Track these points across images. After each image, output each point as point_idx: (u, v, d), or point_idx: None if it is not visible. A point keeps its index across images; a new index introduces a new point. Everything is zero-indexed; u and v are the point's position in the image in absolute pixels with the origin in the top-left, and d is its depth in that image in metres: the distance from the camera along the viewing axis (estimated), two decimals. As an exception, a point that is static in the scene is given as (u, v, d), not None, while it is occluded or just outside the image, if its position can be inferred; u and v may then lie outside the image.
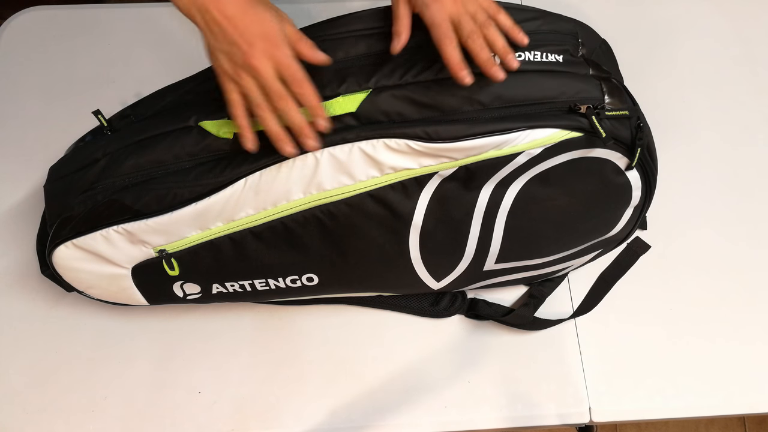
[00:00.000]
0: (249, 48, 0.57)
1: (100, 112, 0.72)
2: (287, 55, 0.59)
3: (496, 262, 0.75)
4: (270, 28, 0.58)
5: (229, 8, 0.57)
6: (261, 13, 0.58)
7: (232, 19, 0.57)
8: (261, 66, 0.58)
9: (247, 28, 0.57)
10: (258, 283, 0.73)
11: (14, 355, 0.81)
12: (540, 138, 0.63)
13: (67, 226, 0.68)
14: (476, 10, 0.63)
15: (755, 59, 0.99)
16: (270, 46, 0.58)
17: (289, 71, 0.59)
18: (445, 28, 0.61)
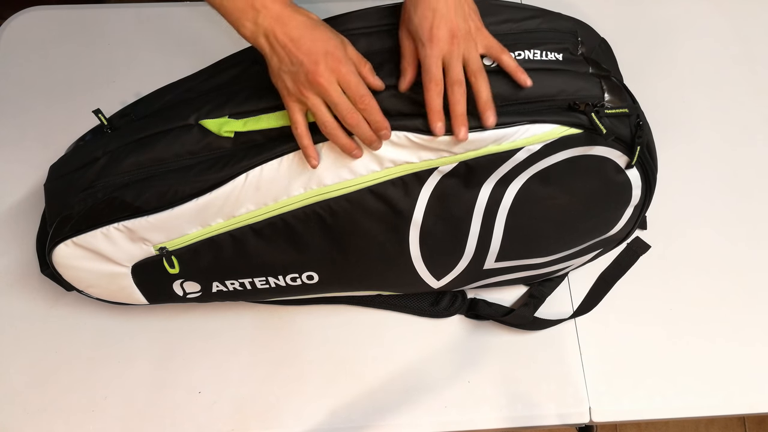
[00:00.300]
0: (315, 66, 0.59)
1: (101, 111, 0.72)
2: (352, 71, 0.60)
3: (496, 261, 0.75)
4: (333, 47, 0.60)
5: (294, 31, 0.59)
6: (324, 33, 0.60)
7: (298, 41, 0.59)
8: (327, 83, 0.60)
9: (312, 47, 0.59)
10: (258, 281, 0.73)
11: (14, 355, 0.81)
12: (539, 133, 0.63)
13: (68, 224, 0.69)
14: (470, 56, 0.62)
15: (755, 59, 0.99)
16: (334, 64, 0.59)
17: (355, 88, 0.60)
18: (433, 73, 0.61)
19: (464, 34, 0.61)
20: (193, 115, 0.67)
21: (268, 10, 0.59)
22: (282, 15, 0.59)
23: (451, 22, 0.60)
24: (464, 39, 0.61)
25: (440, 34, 0.60)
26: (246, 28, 0.60)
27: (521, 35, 0.67)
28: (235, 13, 0.60)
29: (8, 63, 0.98)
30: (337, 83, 0.60)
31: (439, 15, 0.60)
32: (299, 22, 0.60)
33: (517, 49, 0.65)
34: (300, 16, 0.60)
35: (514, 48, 0.65)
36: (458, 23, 0.60)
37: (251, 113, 0.66)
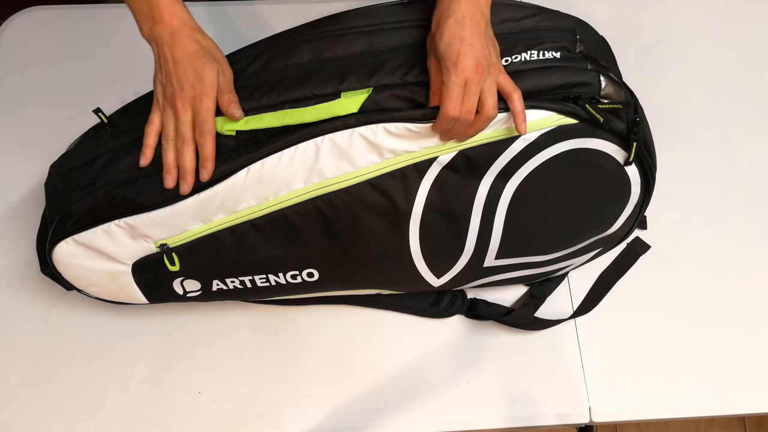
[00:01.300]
0: (179, 90, 0.64)
1: (101, 110, 0.72)
2: (207, 107, 0.65)
3: (496, 258, 0.75)
4: (203, 80, 0.64)
5: (178, 52, 0.65)
6: (203, 64, 0.65)
7: (176, 62, 0.64)
8: (181, 109, 0.65)
9: (185, 72, 0.64)
10: (258, 279, 0.73)
11: (14, 355, 0.81)
12: (535, 120, 0.64)
13: (68, 222, 0.68)
14: (487, 90, 0.62)
15: (755, 59, 0.99)
16: (196, 92, 0.64)
17: (201, 122, 0.65)
18: (455, 101, 0.61)
19: (487, 65, 0.61)
20: None
21: (165, 24, 0.65)
22: (175, 33, 0.65)
23: (476, 51, 0.61)
24: (487, 70, 0.61)
25: (466, 62, 0.60)
26: (143, 30, 0.67)
27: (520, 34, 0.68)
28: (137, 15, 0.66)
29: (8, 63, 0.98)
30: (191, 112, 0.65)
31: (466, 43, 0.61)
32: (186, 45, 0.65)
33: (514, 52, 0.66)
34: (189, 41, 0.65)
35: (513, 50, 0.66)
36: (482, 54, 0.61)
37: (252, 111, 0.66)
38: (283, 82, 0.66)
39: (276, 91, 0.66)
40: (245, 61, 0.69)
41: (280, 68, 0.68)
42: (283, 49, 0.69)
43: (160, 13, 0.64)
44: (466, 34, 0.61)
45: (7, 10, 1.02)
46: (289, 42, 0.69)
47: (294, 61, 0.68)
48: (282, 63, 0.68)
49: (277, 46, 0.69)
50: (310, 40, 0.68)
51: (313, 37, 0.68)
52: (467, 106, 0.61)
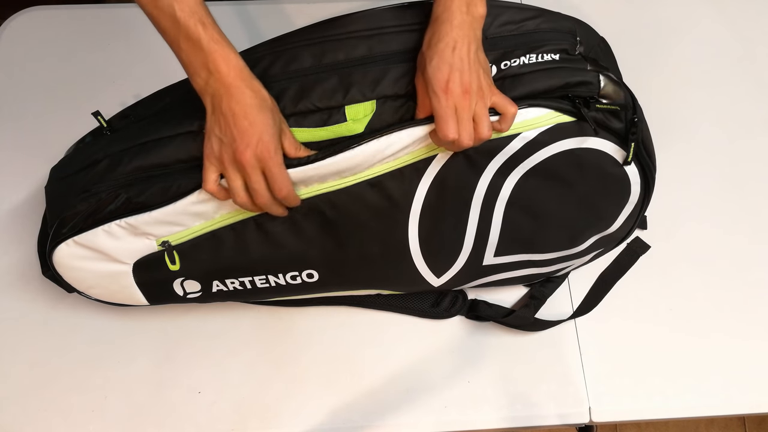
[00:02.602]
0: (244, 148, 0.60)
1: (100, 113, 0.72)
2: (278, 164, 0.62)
3: (495, 255, 0.75)
4: (269, 136, 0.61)
5: (238, 107, 0.60)
6: (265, 118, 0.61)
7: (237, 117, 0.60)
8: (251, 168, 0.61)
9: (248, 129, 0.60)
10: (258, 279, 0.73)
11: (15, 355, 0.81)
12: (532, 117, 0.64)
13: (68, 224, 0.69)
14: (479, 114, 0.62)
15: (755, 59, 0.99)
16: (264, 153, 0.61)
17: (278, 180, 0.62)
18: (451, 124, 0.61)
19: (476, 90, 0.61)
20: (196, 122, 0.67)
21: (221, 76, 0.60)
22: (232, 86, 0.60)
23: (464, 77, 0.61)
24: (476, 95, 0.61)
25: (454, 88, 0.60)
26: (197, 83, 0.61)
27: (521, 37, 0.68)
28: (190, 67, 0.61)
29: (8, 63, 0.98)
30: (260, 170, 0.62)
31: (455, 69, 0.61)
32: (246, 99, 0.60)
33: (513, 57, 0.66)
34: (249, 93, 0.60)
35: (512, 54, 0.66)
36: (471, 80, 0.61)
37: None
38: (287, 93, 0.66)
39: (280, 103, 0.66)
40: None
41: (281, 75, 0.67)
42: (283, 54, 0.68)
43: (216, 65, 0.59)
44: (456, 60, 0.61)
45: (7, 10, 1.02)
46: (289, 47, 0.68)
47: (294, 67, 0.67)
48: (282, 69, 0.68)
49: (277, 50, 0.69)
50: (311, 44, 0.68)
51: (314, 42, 0.68)
52: (465, 132, 0.62)
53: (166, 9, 0.58)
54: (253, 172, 0.61)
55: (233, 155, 0.61)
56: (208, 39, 0.59)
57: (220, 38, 0.60)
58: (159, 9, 0.59)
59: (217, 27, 0.60)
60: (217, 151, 0.62)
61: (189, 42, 0.59)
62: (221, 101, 0.60)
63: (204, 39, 0.59)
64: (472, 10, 0.62)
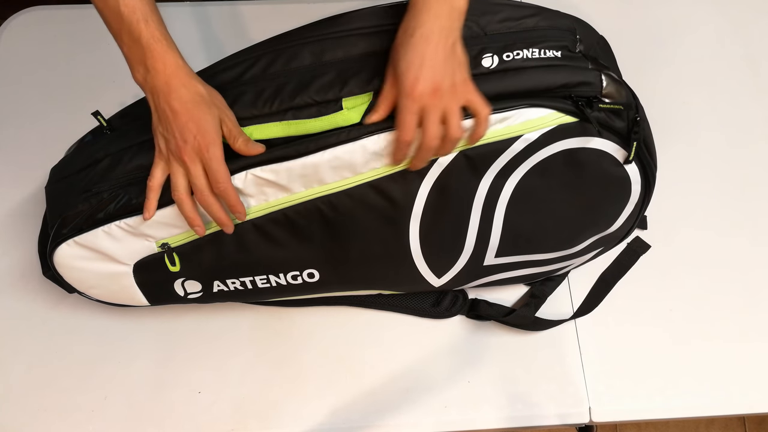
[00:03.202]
0: (183, 143, 0.61)
1: (99, 113, 0.72)
2: (216, 156, 0.62)
3: (496, 256, 0.75)
4: (207, 128, 0.61)
5: (175, 103, 0.61)
6: (202, 113, 0.62)
7: (175, 113, 0.61)
8: (190, 161, 0.62)
9: (186, 124, 0.61)
10: (259, 280, 0.73)
11: (15, 356, 0.81)
12: (534, 118, 0.64)
13: (69, 224, 0.69)
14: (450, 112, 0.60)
15: (755, 58, 0.99)
16: (202, 144, 0.61)
17: (214, 173, 0.63)
18: (406, 129, 0.60)
19: (448, 87, 0.60)
20: None
21: (157, 73, 0.61)
22: (170, 82, 0.61)
23: (436, 74, 0.59)
24: (447, 93, 0.60)
25: (422, 88, 0.59)
26: (136, 78, 0.63)
27: (520, 34, 0.67)
28: (130, 62, 0.62)
29: (8, 63, 0.98)
30: (200, 163, 0.62)
31: (427, 66, 0.59)
32: (182, 95, 0.61)
33: (515, 48, 0.65)
34: (185, 90, 0.61)
35: (513, 47, 0.65)
36: (444, 76, 0.59)
37: (256, 119, 0.66)
38: (285, 89, 0.66)
39: (278, 98, 0.65)
40: (244, 64, 0.69)
41: (281, 73, 0.67)
42: (283, 53, 0.68)
43: (153, 61, 0.61)
44: (429, 54, 0.59)
45: (7, 10, 1.02)
46: (289, 45, 0.68)
47: (294, 65, 0.67)
48: (282, 67, 0.68)
49: (278, 48, 0.69)
50: (310, 43, 0.68)
51: (313, 40, 0.68)
52: (430, 132, 0.60)
53: (112, 4, 0.60)
54: (192, 166, 0.62)
55: (175, 150, 0.62)
56: (148, 37, 0.60)
57: (160, 36, 0.61)
58: (104, 3, 0.60)
59: (160, 26, 0.62)
60: (162, 148, 0.63)
61: (130, 37, 0.61)
62: (159, 98, 0.61)
63: (144, 36, 0.60)
64: (451, 1, 0.60)
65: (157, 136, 0.64)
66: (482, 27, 0.67)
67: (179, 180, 0.64)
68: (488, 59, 0.64)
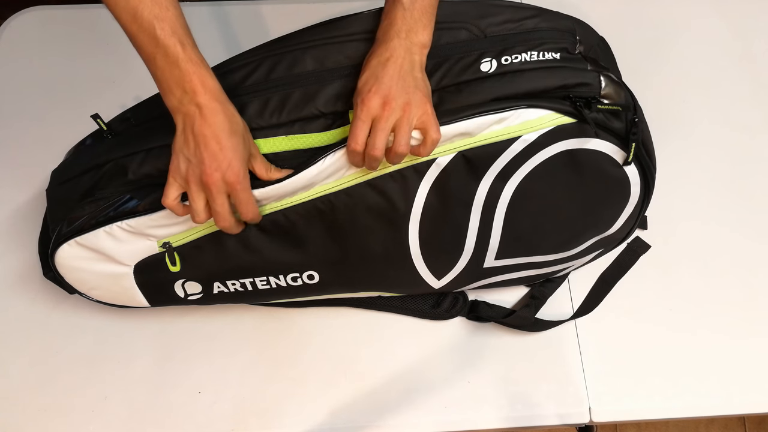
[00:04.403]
0: (212, 172, 0.60)
1: (99, 116, 0.72)
2: (247, 189, 0.63)
3: (496, 258, 0.75)
4: (238, 162, 0.61)
5: (210, 129, 0.60)
6: (236, 144, 0.61)
7: (207, 141, 0.60)
8: (216, 191, 0.61)
9: (218, 154, 0.60)
10: (259, 281, 0.73)
11: (15, 356, 0.81)
12: (533, 118, 0.64)
13: (70, 225, 0.69)
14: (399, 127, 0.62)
15: (754, 58, 0.99)
16: (232, 179, 0.61)
17: (245, 204, 0.64)
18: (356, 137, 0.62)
19: (401, 104, 0.61)
20: None
21: (195, 96, 0.59)
22: (205, 108, 0.60)
23: (388, 91, 0.61)
24: (398, 109, 0.61)
25: (374, 100, 0.61)
26: (170, 101, 0.61)
27: (520, 35, 0.67)
28: (165, 84, 0.60)
29: (8, 63, 0.98)
30: (225, 194, 0.62)
31: (380, 83, 0.61)
32: (218, 122, 0.60)
33: (514, 52, 0.66)
34: (222, 117, 0.60)
35: (512, 51, 0.66)
36: (397, 94, 0.61)
37: (262, 130, 0.66)
38: (291, 98, 0.66)
39: (285, 109, 0.66)
40: (246, 68, 0.69)
41: (284, 79, 0.67)
42: (284, 57, 0.68)
43: (192, 85, 0.59)
44: (385, 75, 0.62)
45: (7, 10, 1.02)
46: (290, 49, 0.68)
47: (297, 70, 0.67)
48: (285, 73, 0.67)
49: (279, 53, 0.68)
50: (312, 47, 0.68)
51: (315, 44, 0.67)
52: (373, 142, 0.61)
53: (146, 26, 0.59)
54: (218, 196, 0.62)
55: (200, 176, 0.61)
56: (187, 59, 0.59)
57: (198, 60, 0.60)
58: (138, 26, 0.59)
59: (196, 48, 0.60)
60: (183, 170, 0.62)
61: (166, 60, 0.59)
62: (193, 122, 0.60)
63: (182, 59, 0.59)
64: (411, 36, 0.63)
65: (179, 156, 0.62)
66: (482, 30, 0.67)
67: (200, 205, 0.63)
68: (486, 63, 0.65)
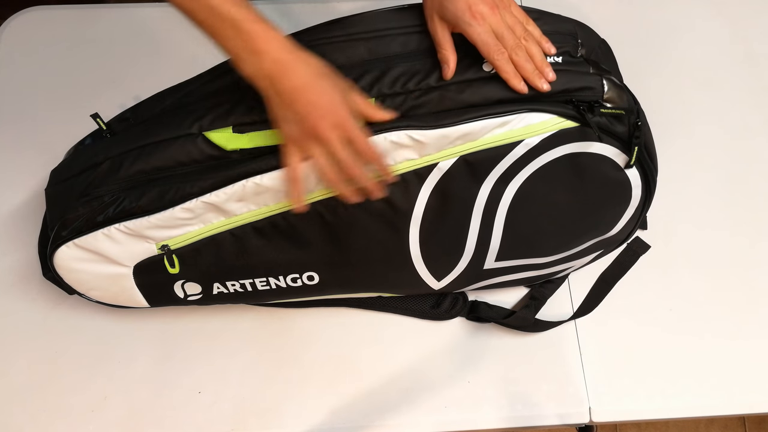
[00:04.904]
0: (320, 121, 0.58)
1: (99, 116, 0.72)
2: (354, 126, 0.60)
3: (497, 260, 0.75)
4: (337, 100, 0.59)
5: (298, 80, 0.58)
6: (328, 84, 0.59)
7: (301, 90, 0.58)
8: (330, 137, 0.59)
9: (317, 100, 0.58)
10: (259, 282, 0.73)
11: (15, 356, 0.81)
12: (536, 122, 0.64)
13: (69, 226, 0.69)
14: (513, 22, 0.64)
15: (754, 59, 0.99)
16: (337, 118, 0.59)
17: (358, 142, 0.60)
18: (494, 45, 0.63)
19: (499, 1, 0.63)
20: (195, 124, 0.67)
21: (269, 55, 0.57)
22: (283, 62, 0.57)
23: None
24: (502, 6, 0.63)
25: (482, 9, 0.62)
26: (246, 69, 0.59)
27: None
28: (235, 54, 0.58)
29: (8, 63, 0.97)
30: (338, 137, 0.60)
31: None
32: (301, 72, 0.58)
33: None
34: (301, 66, 0.58)
35: None
36: None
37: (256, 124, 0.66)
38: None
39: None
40: None
41: None
42: None
43: (261, 45, 0.57)
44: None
45: (7, 10, 1.02)
46: None
47: None
48: None
49: None
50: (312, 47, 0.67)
51: (314, 45, 0.67)
52: (510, 43, 0.63)
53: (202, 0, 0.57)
54: (334, 142, 0.59)
55: (310, 131, 0.59)
56: (247, 20, 0.57)
57: (257, 17, 0.58)
58: (196, 1, 0.57)
59: (252, 6, 0.58)
60: (293, 134, 0.60)
61: (229, 28, 0.57)
62: (279, 81, 0.58)
63: (243, 21, 0.57)
64: None
65: (280, 123, 0.60)
66: None
67: (323, 160, 0.61)
68: (489, 64, 0.65)
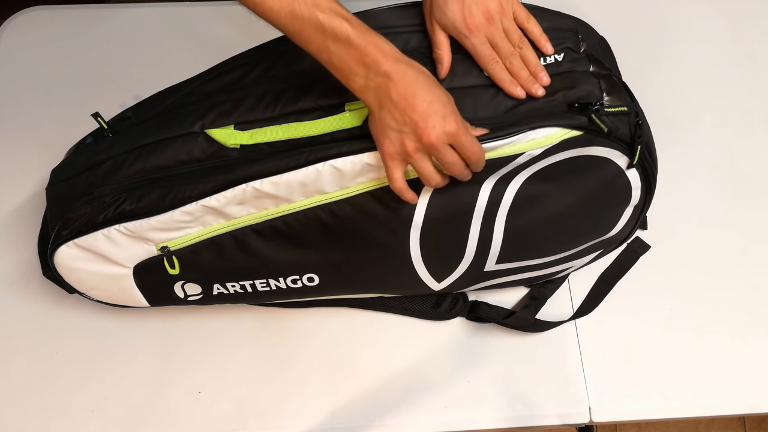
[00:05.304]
0: (431, 130, 0.57)
1: (99, 115, 0.72)
2: (468, 134, 0.59)
3: (497, 263, 0.74)
4: (450, 110, 0.58)
5: (408, 90, 0.57)
6: (438, 92, 0.58)
7: (411, 101, 0.57)
8: (443, 147, 0.58)
9: (428, 109, 0.57)
10: (259, 283, 0.73)
11: (15, 356, 0.81)
12: (540, 137, 0.63)
13: (69, 226, 0.69)
14: (509, 27, 0.64)
15: (754, 58, 0.99)
16: (452, 128, 0.58)
17: (474, 152, 0.59)
18: (489, 55, 0.63)
19: (497, 10, 0.63)
20: (198, 122, 0.67)
21: (380, 66, 0.56)
22: (394, 72, 0.57)
23: (481, 5, 0.61)
24: (499, 15, 0.63)
25: (478, 22, 0.62)
26: (356, 83, 0.58)
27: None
28: (345, 68, 0.57)
29: (8, 63, 0.97)
30: (449, 145, 0.59)
31: (468, 2, 0.61)
32: (412, 81, 0.57)
33: None
34: (412, 74, 0.57)
35: None
36: (487, 4, 0.62)
37: (258, 123, 0.66)
38: (287, 93, 0.66)
39: (281, 102, 0.65)
40: (245, 67, 0.69)
41: (282, 76, 0.67)
42: (283, 56, 0.68)
43: (372, 57, 0.56)
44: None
45: (7, 10, 1.02)
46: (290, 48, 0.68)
47: (295, 68, 0.67)
48: (284, 70, 0.67)
49: (278, 51, 0.69)
50: None
51: None
52: (504, 52, 0.63)
53: (308, 17, 0.56)
54: (445, 150, 0.58)
55: (419, 140, 0.58)
56: (358, 34, 0.56)
57: (365, 29, 0.57)
58: (300, 20, 0.56)
59: (357, 18, 0.57)
60: (398, 145, 0.58)
61: (338, 43, 0.56)
62: (388, 92, 0.57)
63: (353, 35, 0.56)
64: None
65: (387, 134, 0.58)
66: None
67: (429, 169, 0.60)
68: None
